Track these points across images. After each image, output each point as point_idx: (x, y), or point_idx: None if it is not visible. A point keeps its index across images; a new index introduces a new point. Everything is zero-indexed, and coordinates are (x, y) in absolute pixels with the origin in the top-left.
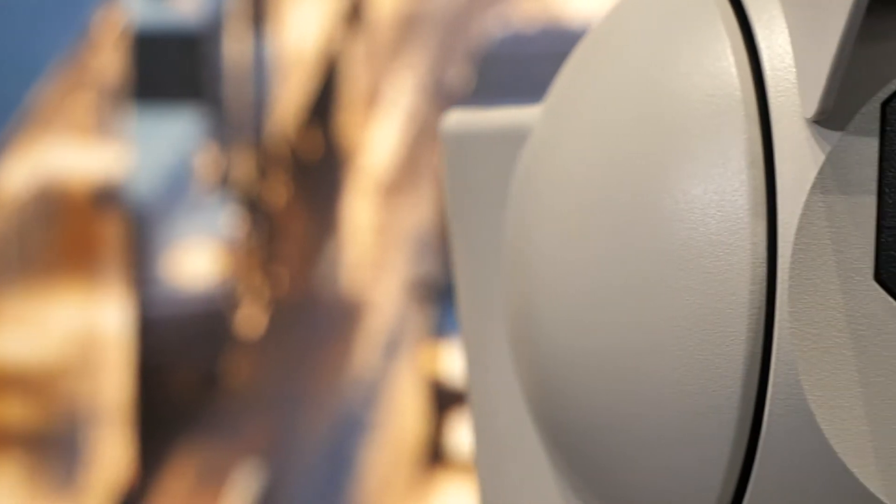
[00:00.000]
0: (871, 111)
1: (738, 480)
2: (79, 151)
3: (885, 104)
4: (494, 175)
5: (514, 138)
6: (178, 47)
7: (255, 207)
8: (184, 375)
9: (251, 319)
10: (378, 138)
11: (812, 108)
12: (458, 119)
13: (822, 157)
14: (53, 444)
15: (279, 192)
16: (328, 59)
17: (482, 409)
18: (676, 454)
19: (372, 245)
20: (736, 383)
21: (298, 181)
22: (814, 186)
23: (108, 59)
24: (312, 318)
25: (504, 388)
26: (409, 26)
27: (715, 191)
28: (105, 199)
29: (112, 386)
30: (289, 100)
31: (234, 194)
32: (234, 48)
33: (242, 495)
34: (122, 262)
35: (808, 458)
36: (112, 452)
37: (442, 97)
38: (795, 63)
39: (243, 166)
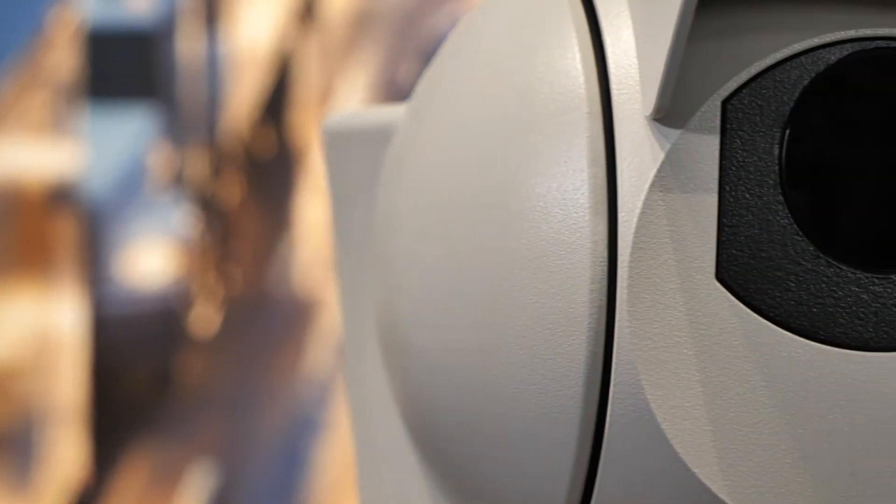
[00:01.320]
0: (711, 109)
1: (585, 481)
2: (33, 150)
3: (725, 102)
4: (370, 173)
5: (386, 136)
6: (131, 46)
7: (208, 206)
8: (138, 374)
9: (205, 318)
10: None
11: (650, 105)
12: (338, 118)
13: (661, 155)
14: (7, 444)
15: (233, 191)
16: (281, 58)
17: (359, 411)
18: (525, 455)
19: (325, 244)
20: (578, 384)
21: (252, 180)
22: (653, 184)
23: (62, 58)
24: (266, 317)
25: (379, 388)
26: (361, 24)
27: (558, 189)
28: (59, 197)
29: (66, 385)
30: (242, 98)
31: (188, 193)
32: (188, 47)
33: (197, 494)
34: (76, 260)
35: (650, 458)
36: (66, 452)
37: (394, 95)
38: (638, 61)
39: (197, 165)
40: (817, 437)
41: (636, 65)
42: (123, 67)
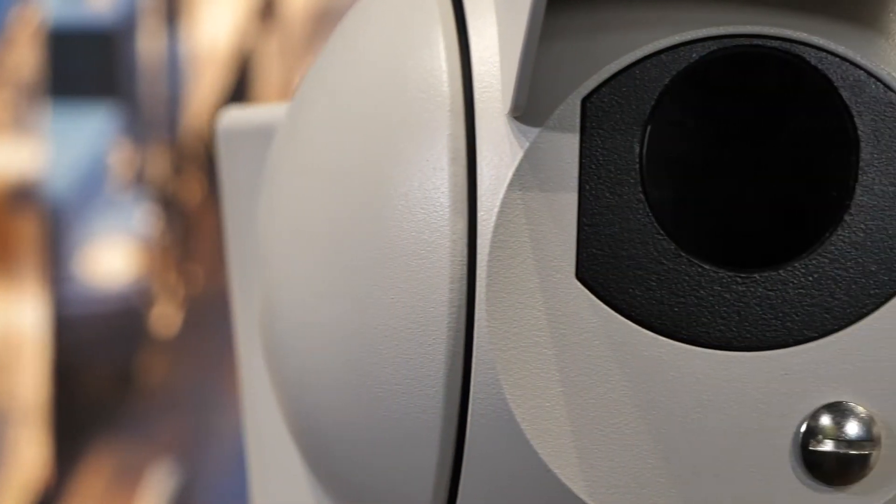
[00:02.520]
0: (570, 107)
1: (449, 480)
2: None
3: (585, 100)
4: (259, 172)
5: (273, 134)
6: (92, 44)
7: (169, 205)
8: (99, 374)
9: (166, 318)
10: None
11: (508, 104)
12: (231, 115)
13: (520, 154)
14: None
15: (194, 190)
16: (241, 56)
17: (251, 414)
18: (392, 454)
19: None
20: (438, 383)
21: (213, 178)
22: (511, 183)
23: (24, 57)
24: (227, 316)
25: (268, 390)
26: (321, 22)
27: (419, 188)
28: (21, 196)
29: (27, 385)
30: (203, 96)
31: (149, 191)
32: (149, 45)
33: (158, 493)
34: (38, 259)
35: (511, 458)
36: (28, 451)
37: None
38: (500, 59)
39: (158, 163)
40: (679, 436)
41: (498, 63)
42: (84, 66)
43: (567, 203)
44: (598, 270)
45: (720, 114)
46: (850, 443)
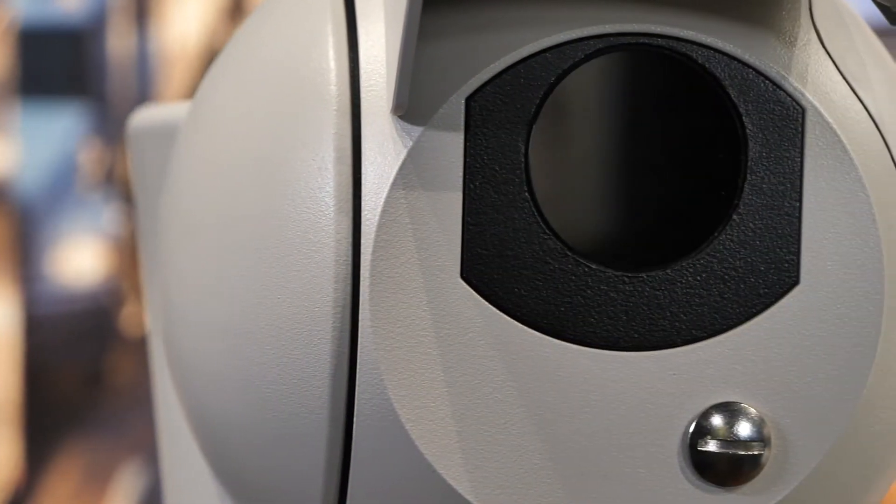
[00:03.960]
0: (454, 106)
1: (339, 480)
2: None
3: (469, 99)
4: (165, 170)
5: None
6: (62, 43)
7: None
8: (69, 373)
9: (136, 317)
10: None
11: (391, 103)
12: (143, 115)
13: (403, 153)
14: None
15: None
16: (211, 54)
17: (164, 410)
18: (283, 455)
19: None
20: (324, 384)
21: None
22: (395, 182)
23: None
24: None
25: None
26: None
27: (306, 187)
28: None
29: None
30: (172, 95)
31: (119, 190)
32: (118, 44)
33: (128, 493)
34: (7, 259)
35: (398, 458)
36: None
37: None
38: (385, 58)
39: (128, 162)
40: (567, 437)
41: (384, 63)
42: (54, 65)
43: (451, 202)
44: (483, 270)
45: (606, 113)
46: (740, 443)
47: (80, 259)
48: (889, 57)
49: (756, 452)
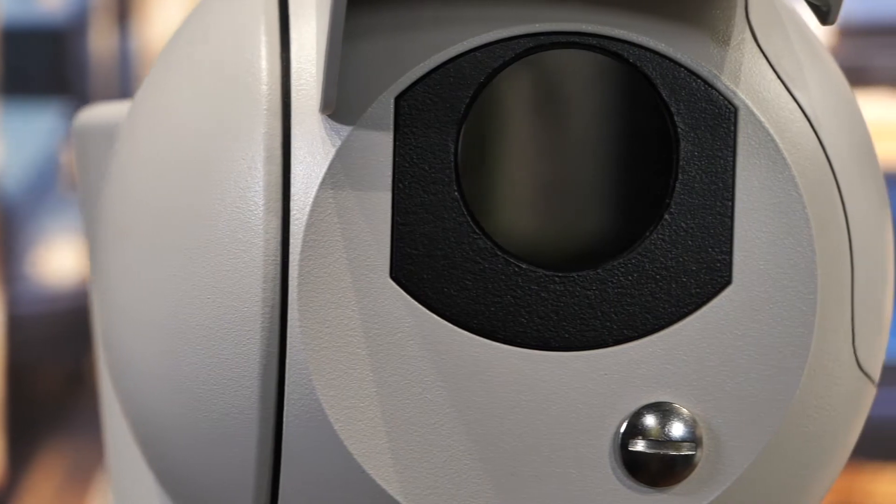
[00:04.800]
0: (383, 105)
1: (270, 481)
2: None
3: (399, 98)
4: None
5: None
6: (44, 42)
7: None
8: (52, 373)
9: None
10: None
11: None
12: (86, 113)
13: (332, 152)
14: None
15: None
16: None
17: (108, 419)
18: (214, 455)
19: None
20: (254, 384)
21: None
22: (323, 182)
23: None
24: None
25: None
26: None
27: (235, 187)
28: None
29: None
30: None
31: None
32: (100, 43)
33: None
34: None
35: (327, 459)
36: None
37: None
38: (316, 57)
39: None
40: (497, 437)
41: (316, 61)
42: (36, 64)
43: (381, 202)
44: (412, 270)
45: (536, 112)
46: (672, 443)
47: (62, 259)
48: (829, 57)
49: (688, 453)
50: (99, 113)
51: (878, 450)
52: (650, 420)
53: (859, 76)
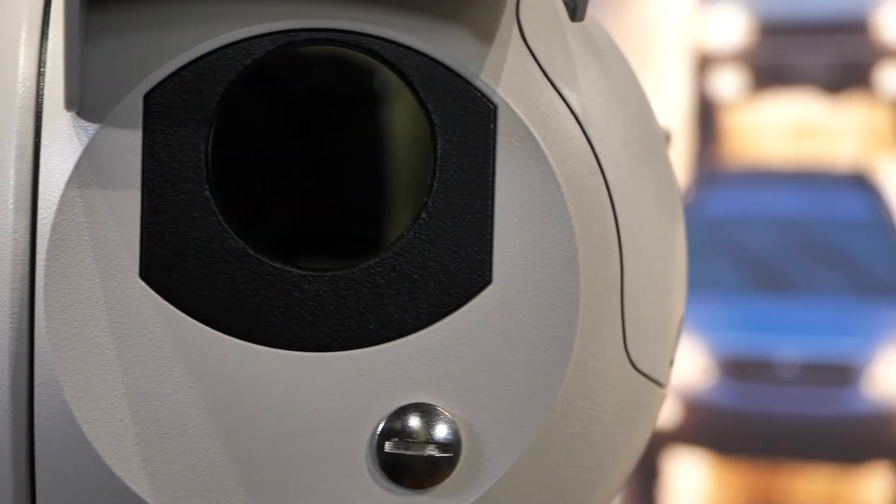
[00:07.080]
0: (131, 103)
1: (28, 483)
2: None
3: (147, 96)
4: None
5: None
6: None
7: None
8: None
9: None
10: None
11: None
12: None
13: (79, 150)
14: None
15: None
16: None
17: None
18: None
19: None
20: (4, 385)
21: None
22: (70, 181)
23: None
24: None
25: None
26: None
27: None
28: None
29: None
30: None
31: None
32: None
33: None
34: None
35: (78, 462)
36: None
37: None
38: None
39: None
40: (250, 440)
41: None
42: None
43: (129, 201)
44: (162, 270)
45: (289, 111)
46: (430, 445)
47: None
48: (619, 57)
49: (447, 454)
50: None
51: (798, 449)
52: (408, 421)
53: (781, 75)
